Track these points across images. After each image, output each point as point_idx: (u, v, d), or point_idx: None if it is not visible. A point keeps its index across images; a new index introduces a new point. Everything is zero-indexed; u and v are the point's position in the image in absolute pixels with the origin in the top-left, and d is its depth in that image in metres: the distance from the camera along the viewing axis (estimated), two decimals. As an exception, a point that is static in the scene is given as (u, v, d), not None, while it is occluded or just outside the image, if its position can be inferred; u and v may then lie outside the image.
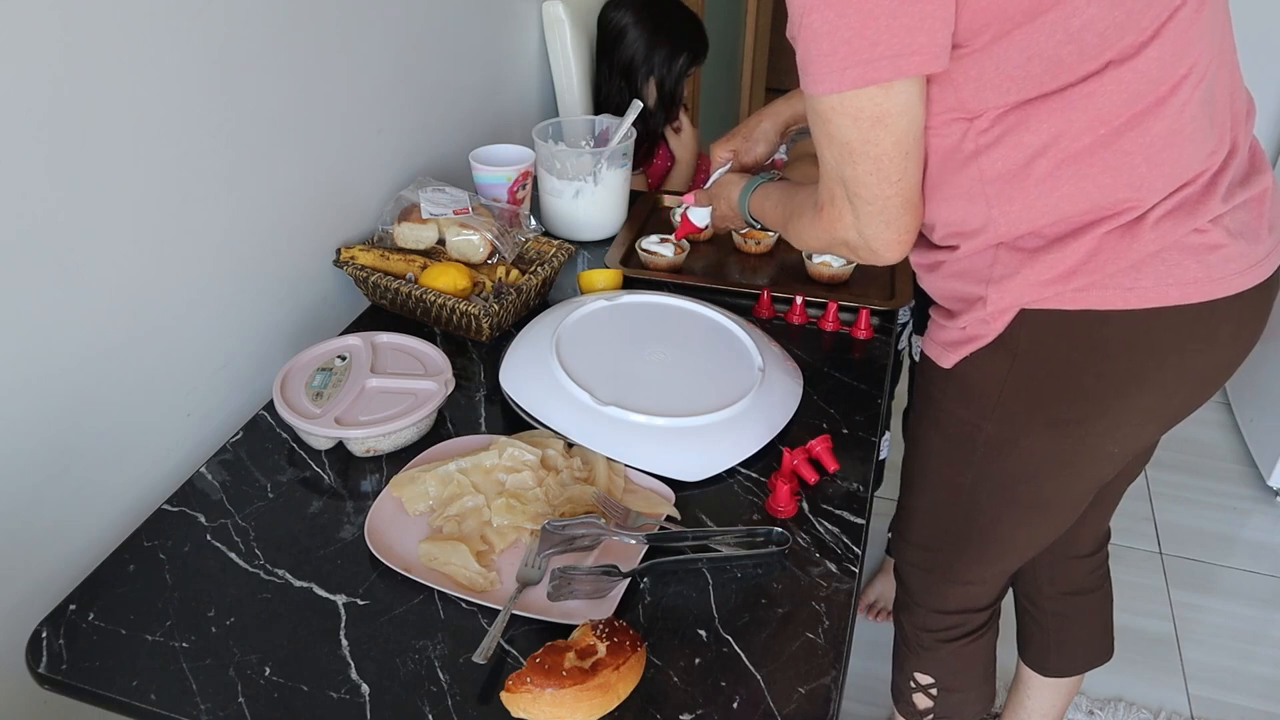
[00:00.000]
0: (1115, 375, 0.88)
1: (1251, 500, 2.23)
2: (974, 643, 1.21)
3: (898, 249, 0.88)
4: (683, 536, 0.95)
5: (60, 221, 0.89)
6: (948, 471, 1.04)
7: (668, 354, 1.15)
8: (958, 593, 1.17)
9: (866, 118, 0.79)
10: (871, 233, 0.87)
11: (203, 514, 0.98)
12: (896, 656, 1.29)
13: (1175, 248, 0.82)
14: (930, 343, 1.00)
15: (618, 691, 0.78)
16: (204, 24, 1.00)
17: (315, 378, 1.09)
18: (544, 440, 1.04)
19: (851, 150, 0.82)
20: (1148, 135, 0.79)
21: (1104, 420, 0.91)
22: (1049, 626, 1.35)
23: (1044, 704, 1.43)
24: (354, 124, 1.30)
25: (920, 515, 1.13)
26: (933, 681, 1.24)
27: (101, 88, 0.90)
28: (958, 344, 0.94)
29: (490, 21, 1.63)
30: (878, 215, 0.85)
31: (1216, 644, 1.88)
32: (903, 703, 1.29)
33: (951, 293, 0.94)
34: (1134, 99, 0.78)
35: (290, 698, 0.80)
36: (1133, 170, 0.80)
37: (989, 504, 1.03)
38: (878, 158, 0.81)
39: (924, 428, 1.06)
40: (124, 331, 0.99)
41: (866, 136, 0.80)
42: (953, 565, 1.13)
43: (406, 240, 1.33)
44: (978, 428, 0.97)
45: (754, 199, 1.15)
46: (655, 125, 1.88)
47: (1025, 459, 0.96)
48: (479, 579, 0.89)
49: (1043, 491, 1.00)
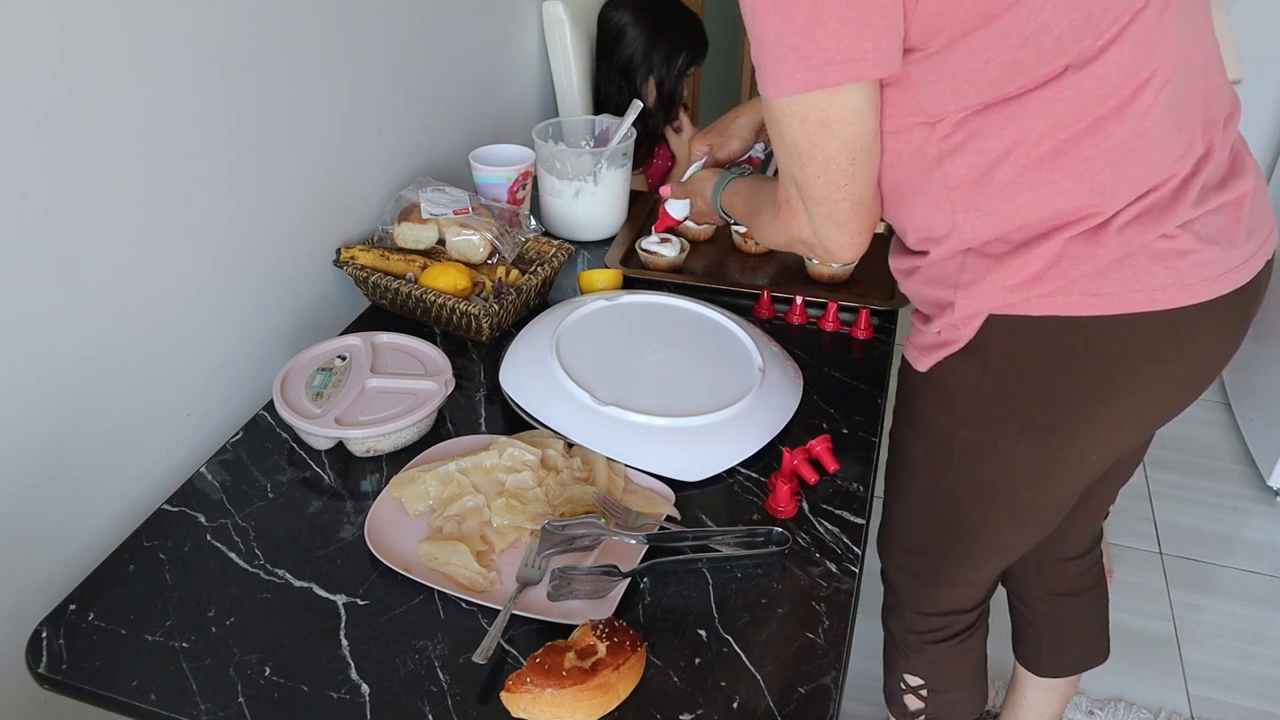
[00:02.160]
0: (1086, 381, 0.87)
1: (1251, 500, 2.23)
2: (962, 643, 1.21)
3: (850, 249, 0.89)
4: (683, 536, 0.95)
5: (60, 221, 0.89)
6: (928, 476, 1.04)
7: (668, 354, 1.15)
8: (944, 595, 1.17)
9: (813, 122, 0.80)
10: (824, 233, 0.88)
11: (203, 514, 0.98)
12: (886, 658, 1.29)
13: (1142, 253, 0.81)
14: (909, 346, 0.99)
15: (618, 691, 0.78)
16: (204, 24, 1.00)
17: (315, 378, 1.09)
18: (544, 440, 1.04)
19: (800, 153, 0.83)
20: (1110, 140, 0.79)
21: (1079, 427, 0.91)
22: (1041, 626, 1.35)
23: (1041, 703, 1.43)
24: (354, 124, 1.30)
25: (904, 519, 1.12)
26: (922, 683, 1.24)
27: (102, 88, 0.90)
28: (932, 348, 0.94)
29: (490, 21, 1.63)
30: (828, 217, 0.86)
31: (1216, 644, 1.88)
32: (894, 704, 1.29)
33: (925, 297, 0.94)
34: (1094, 103, 0.77)
35: (290, 698, 0.80)
36: (1095, 176, 0.79)
37: (970, 508, 1.03)
38: (824, 162, 0.82)
39: (904, 432, 1.05)
40: (124, 331, 0.99)
41: (813, 140, 0.81)
42: (938, 568, 1.13)
43: (406, 240, 1.33)
44: (954, 433, 0.96)
45: (725, 194, 1.15)
46: (655, 125, 1.88)
47: (1002, 464, 0.96)
48: (479, 579, 0.89)
49: (1021, 496, 1.00)
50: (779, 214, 0.92)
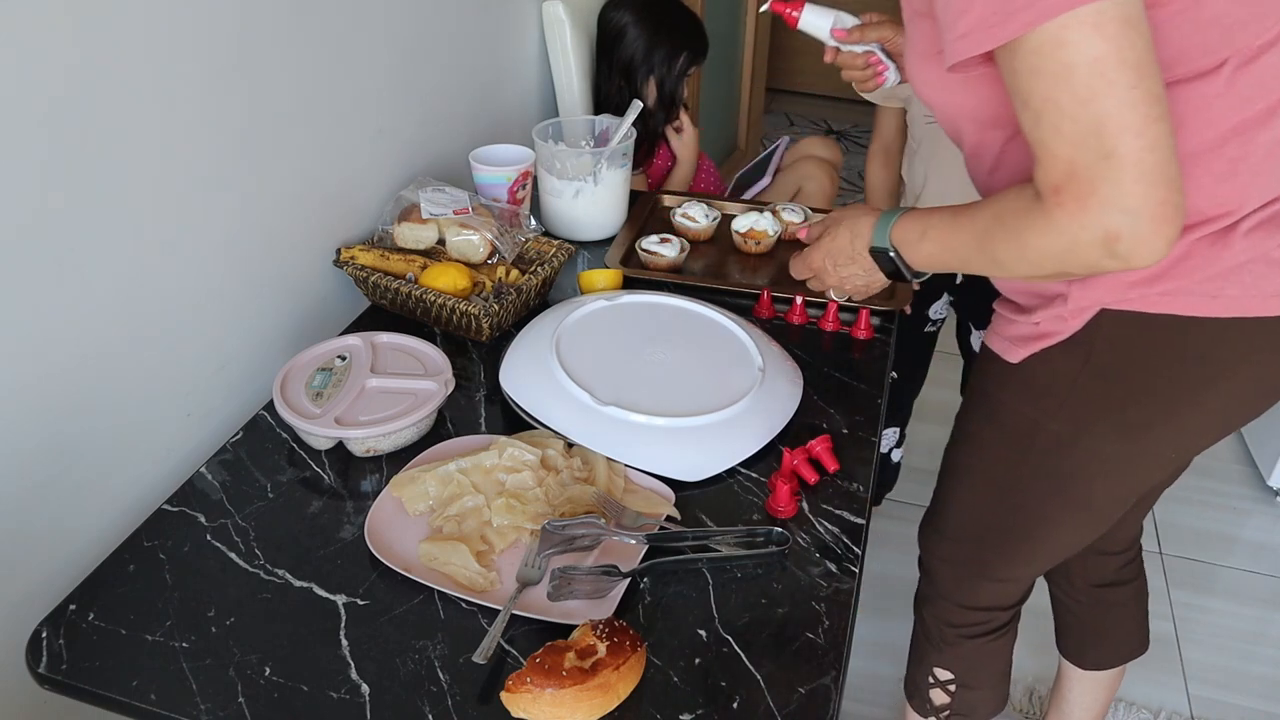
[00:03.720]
0: (1188, 381, 0.88)
1: (1251, 500, 2.23)
2: (996, 640, 1.21)
3: (1168, 225, 0.68)
4: (683, 536, 0.95)
5: (60, 221, 0.89)
6: (999, 467, 1.03)
7: (668, 354, 1.15)
8: (988, 589, 1.16)
9: (1112, 19, 0.65)
10: (1138, 200, 0.67)
11: (203, 514, 0.98)
12: (915, 650, 1.28)
13: (1262, 259, 0.82)
14: (995, 337, 0.98)
15: (618, 691, 0.78)
16: (204, 24, 1.00)
17: (315, 378, 1.09)
18: (544, 440, 1.04)
19: (1103, 68, 0.66)
20: (1253, 143, 0.78)
21: (1170, 425, 0.91)
22: (1084, 618, 1.36)
23: (1086, 698, 1.44)
24: (354, 124, 1.30)
25: (960, 509, 1.12)
26: (952, 677, 1.24)
27: (101, 88, 0.90)
28: (1028, 339, 0.93)
29: (490, 21, 1.63)
30: (1150, 162, 0.67)
31: (1216, 644, 1.88)
32: (917, 698, 1.29)
33: (1028, 288, 0.92)
34: (1244, 104, 0.77)
35: (290, 698, 0.80)
36: (1236, 177, 0.79)
37: (1037, 502, 1.02)
38: (1138, 64, 0.66)
39: (977, 421, 1.05)
40: (124, 331, 0.99)
41: (1120, 42, 0.66)
42: (989, 562, 1.13)
43: (406, 240, 1.33)
44: (1039, 425, 0.96)
45: (901, 226, 0.91)
46: (655, 125, 1.88)
47: (1084, 459, 0.96)
48: (479, 579, 0.89)
49: (1094, 492, 1.00)
50: (1052, 209, 0.71)
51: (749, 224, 1.47)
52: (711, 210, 1.54)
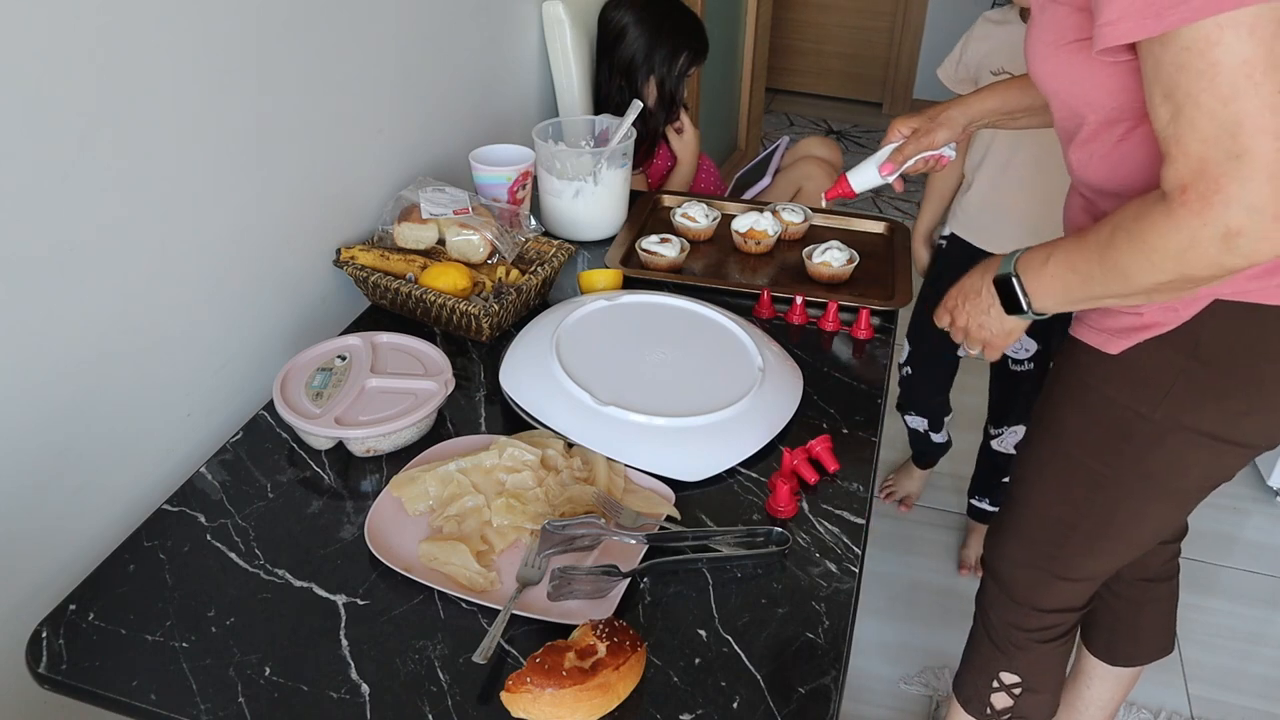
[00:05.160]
0: None
1: (1251, 500, 2.23)
2: (1064, 644, 1.20)
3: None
4: (683, 536, 0.95)
5: (60, 222, 0.89)
6: (1089, 460, 1.02)
7: (668, 354, 1.15)
8: (1064, 590, 1.15)
9: (1269, 23, 0.66)
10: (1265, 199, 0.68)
11: (203, 514, 0.98)
12: (977, 655, 1.26)
13: None
14: (1088, 329, 0.97)
15: (618, 691, 0.78)
16: (204, 25, 1.00)
17: (315, 378, 1.09)
18: (544, 440, 1.04)
19: (1251, 70, 0.66)
20: None
21: (1268, 415, 0.91)
22: (1122, 613, 1.35)
23: (1104, 695, 1.43)
24: (354, 124, 1.30)
25: (1040, 507, 1.10)
26: (1019, 681, 1.23)
27: (101, 89, 0.90)
28: (1131, 331, 0.92)
29: (490, 21, 1.63)
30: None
31: (1216, 644, 1.88)
32: (976, 703, 1.27)
33: None
34: None
35: (290, 698, 0.80)
36: None
37: (1127, 495, 1.01)
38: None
39: (1065, 414, 1.03)
40: (124, 332, 0.99)
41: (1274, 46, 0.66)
42: (1066, 560, 1.11)
43: (406, 240, 1.33)
44: (1139, 415, 0.95)
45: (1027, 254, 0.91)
46: (655, 125, 1.88)
47: (1182, 449, 0.95)
48: (479, 579, 0.89)
49: (1186, 482, 0.99)
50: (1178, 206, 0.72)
51: (749, 224, 1.48)
52: (711, 210, 1.54)
